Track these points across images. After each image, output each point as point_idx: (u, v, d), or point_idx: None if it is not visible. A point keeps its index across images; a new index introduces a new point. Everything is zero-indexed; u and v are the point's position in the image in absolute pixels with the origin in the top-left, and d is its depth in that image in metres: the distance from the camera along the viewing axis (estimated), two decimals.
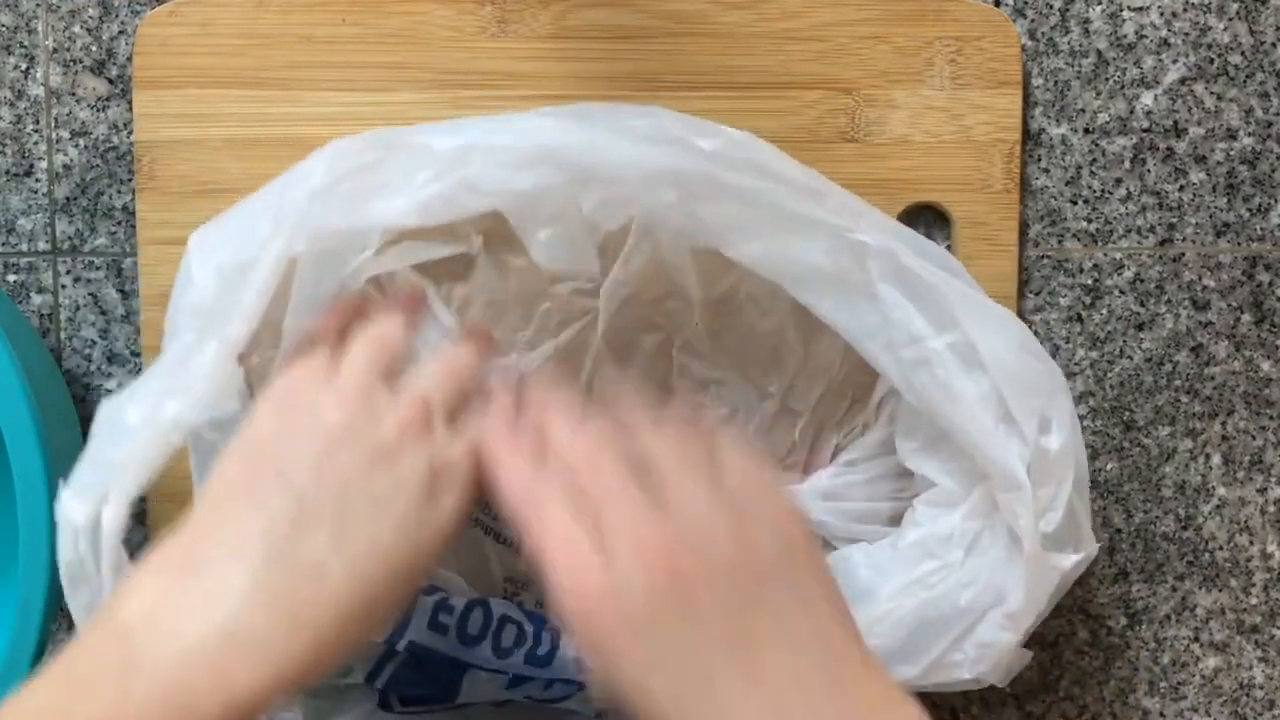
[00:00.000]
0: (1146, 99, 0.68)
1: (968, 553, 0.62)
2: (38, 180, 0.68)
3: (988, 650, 0.61)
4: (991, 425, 0.60)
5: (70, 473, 0.55)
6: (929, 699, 0.69)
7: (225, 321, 0.56)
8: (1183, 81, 0.68)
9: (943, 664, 0.61)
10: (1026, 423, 0.60)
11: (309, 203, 0.58)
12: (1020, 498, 0.60)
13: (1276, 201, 0.69)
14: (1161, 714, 0.71)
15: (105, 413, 0.56)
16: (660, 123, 0.58)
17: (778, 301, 0.65)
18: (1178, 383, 0.69)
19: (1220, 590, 0.71)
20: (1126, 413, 0.70)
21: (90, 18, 0.67)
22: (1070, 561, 0.62)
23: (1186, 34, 0.68)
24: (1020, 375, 0.60)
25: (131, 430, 0.55)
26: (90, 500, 0.54)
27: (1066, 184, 0.69)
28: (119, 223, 0.68)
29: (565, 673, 0.63)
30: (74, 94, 0.67)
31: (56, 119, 0.68)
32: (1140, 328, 0.69)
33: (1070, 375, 0.69)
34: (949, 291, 0.60)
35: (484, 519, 0.67)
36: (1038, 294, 0.69)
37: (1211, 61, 0.68)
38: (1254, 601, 0.71)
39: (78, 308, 0.68)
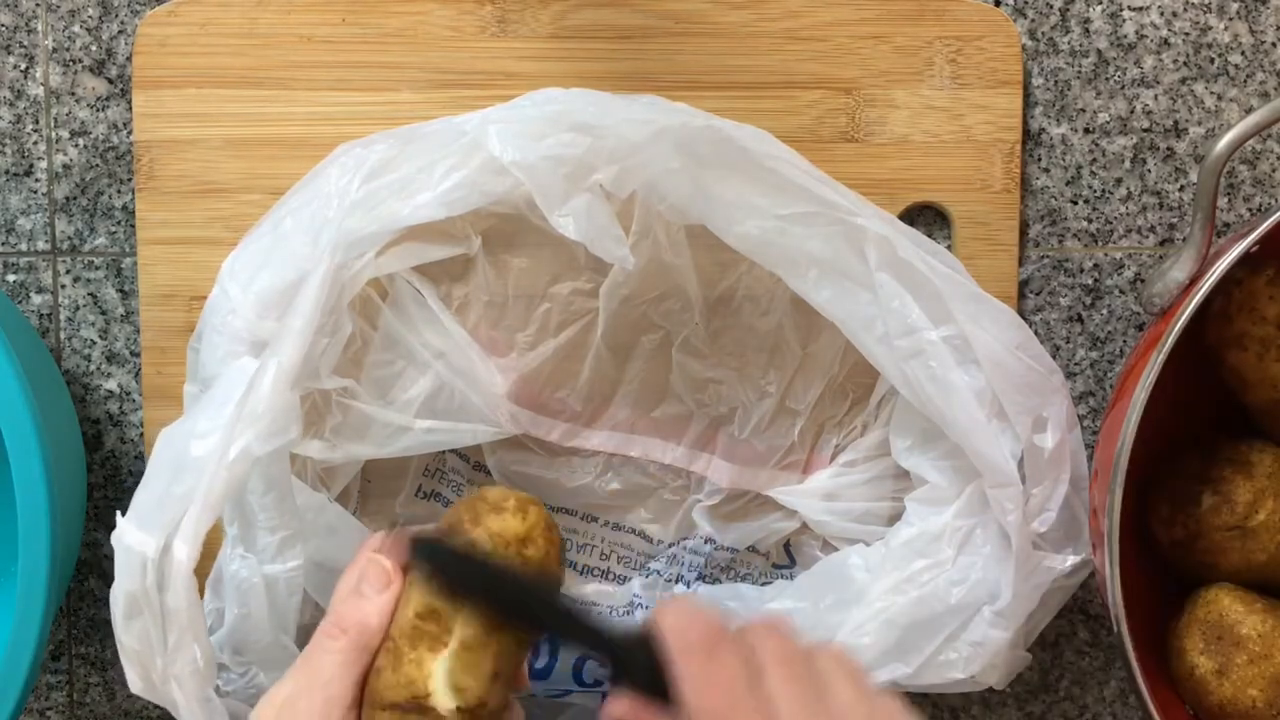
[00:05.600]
0: (1146, 99, 0.68)
1: (959, 551, 0.62)
2: (37, 180, 0.68)
3: (980, 649, 0.61)
4: (984, 420, 0.60)
5: (65, 473, 0.55)
6: (928, 699, 0.69)
7: (276, 348, 0.56)
8: (1183, 81, 0.68)
9: (935, 663, 0.62)
10: (1019, 419, 0.60)
11: (346, 218, 0.58)
12: (1010, 494, 0.60)
13: (1276, 201, 0.69)
14: None
15: (164, 444, 0.57)
16: (664, 100, 0.60)
17: (776, 301, 0.65)
18: None
19: None
20: None
21: (90, 17, 0.67)
22: (1067, 563, 0.62)
23: (1186, 34, 0.68)
24: (1015, 372, 0.61)
25: (197, 463, 0.55)
26: (157, 532, 0.55)
27: (1067, 184, 0.69)
28: (118, 222, 0.68)
29: (564, 684, 0.63)
30: (74, 94, 0.67)
31: (56, 119, 0.68)
32: (1140, 328, 0.69)
33: (1070, 375, 0.69)
34: (946, 285, 0.60)
35: None
36: (1038, 294, 0.69)
37: (1212, 61, 0.68)
38: None
39: (77, 307, 0.68)
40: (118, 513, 0.57)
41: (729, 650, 0.46)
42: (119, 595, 0.56)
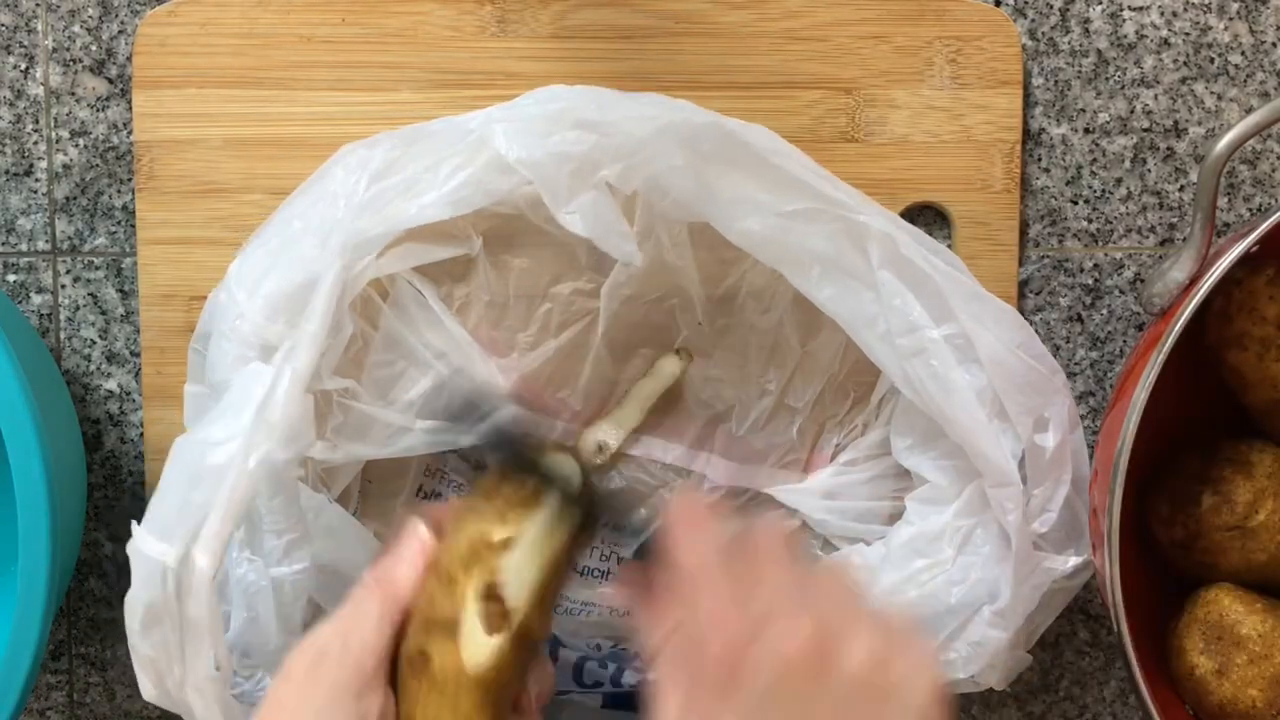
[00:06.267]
0: (1146, 99, 0.68)
1: (959, 550, 0.62)
2: (37, 180, 0.68)
3: (980, 649, 0.61)
4: (985, 419, 0.60)
5: (65, 472, 0.55)
6: None
7: (291, 354, 0.56)
8: (1183, 81, 0.68)
9: None
10: (1020, 419, 0.60)
11: (354, 219, 0.58)
12: (1010, 494, 0.60)
13: (1276, 201, 0.69)
14: None
15: (180, 453, 0.57)
16: (668, 98, 0.60)
17: (778, 298, 0.65)
18: None
19: None
20: None
21: (90, 17, 0.67)
22: (1068, 564, 0.62)
23: (1186, 34, 0.68)
24: (1017, 372, 0.61)
25: (215, 471, 0.55)
26: (176, 541, 0.54)
27: (1067, 184, 0.69)
28: (119, 222, 0.68)
29: (563, 684, 0.63)
30: (74, 94, 0.67)
31: (56, 119, 0.68)
32: (1140, 328, 0.69)
33: (1070, 375, 0.69)
34: (948, 284, 0.60)
35: None
36: (1038, 294, 0.69)
37: (1212, 61, 0.68)
38: None
39: (77, 308, 0.68)
40: (133, 522, 0.56)
41: (720, 526, 0.50)
42: (136, 605, 0.55)
